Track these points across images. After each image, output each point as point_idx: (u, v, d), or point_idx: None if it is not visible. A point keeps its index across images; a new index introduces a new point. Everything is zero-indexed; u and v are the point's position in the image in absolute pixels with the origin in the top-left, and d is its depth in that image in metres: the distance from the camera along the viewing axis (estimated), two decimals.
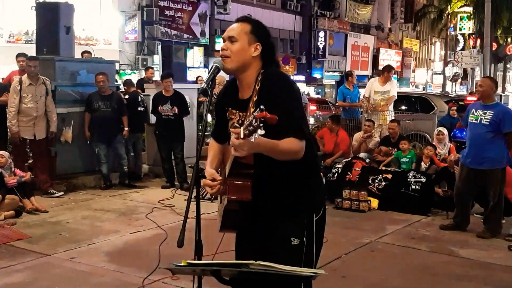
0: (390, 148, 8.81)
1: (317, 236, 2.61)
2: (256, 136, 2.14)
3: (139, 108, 8.95)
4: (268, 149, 2.37)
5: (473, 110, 6.32)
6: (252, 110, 2.48)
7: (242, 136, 2.18)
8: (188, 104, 9.81)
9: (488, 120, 6.10)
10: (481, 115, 6.17)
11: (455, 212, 6.56)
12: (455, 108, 11.60)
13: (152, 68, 13.41)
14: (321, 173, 8.15)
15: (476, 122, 6.21)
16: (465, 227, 6.46)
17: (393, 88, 10.43)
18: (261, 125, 2.10)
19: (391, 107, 10.40)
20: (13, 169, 6.95)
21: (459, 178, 6.50)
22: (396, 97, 10.74)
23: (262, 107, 2.16)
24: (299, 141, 2.42)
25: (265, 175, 2.50)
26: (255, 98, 2.49)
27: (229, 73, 2.62)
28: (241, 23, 2.60)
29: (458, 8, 37.26)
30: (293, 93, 2.51)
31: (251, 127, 2.13)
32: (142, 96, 9.31)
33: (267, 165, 2.46)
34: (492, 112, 6.11)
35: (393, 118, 10.00)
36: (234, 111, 2.63)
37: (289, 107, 2.43)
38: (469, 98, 13.69)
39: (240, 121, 2.58)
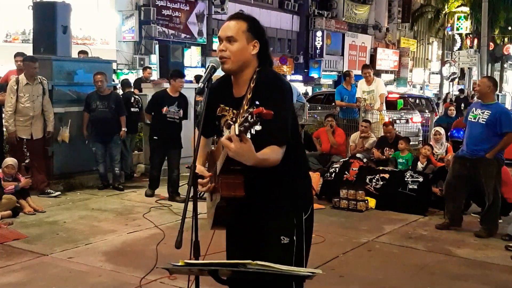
0: (387, 149, 8.85)
1: (307, 235, 2.62)
2: (252, 132, 2.13)
3: (132, 109, 8.93)
4: (256, 161, 2.32)
5: (473, 109, 6.40)
6: (246, 107, 2.48)
7: (237, 132, 2.16)
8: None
9: (485, 120, 6.13)
10: (479, 114, 6.22)
11: (446, 209, 6.57)
12: (453, 108, 11.66)
13: (150, 68, 13.39)
14: (319, 173, 8.29)
15: (474, 121, 6.26)
16: (459, 224, 6.47)
17: (380, 87, 10.59)
18: (257, 120, 2.11)
19: (383, 106, 10.57)
20: (14, 176, 6.94)
21: (451, 173, 6.51)
22: (386, 94, 10.95)
23: (257, 102, 2.15)
24: (280, 148, 2.41)
25: (254, 174, 2.49)
26: (249, 96, 2.48)
27: (230, 73, 2.61)
28: (236, 21, 2.56)
29: (455, 8, 37.31)
30: (284, 97, 2.49)
31: (247, 123, 2.12)
32: (136, 96, 9.27)
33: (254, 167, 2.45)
34: (490, 111, 6.15)
35: (386, 116, 10.20)
36: (227, 108, 2.62)
37: (278, 111, 2.37)
38: (390, 96, 13.94)
39: (233, 119, 2.57)
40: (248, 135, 2.14)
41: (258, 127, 2.12)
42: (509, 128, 6.12)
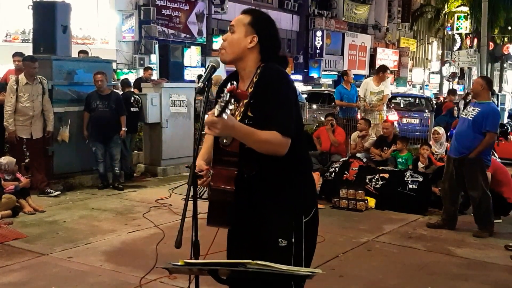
0: (385, 148, 8.84)
1: (308, 238, 2.56)
2: (227, 112, 2.14)
3: (131, 109, 8.93)
4: (243, 134, 2.33)
5: (468, 106, 6.54)
6: (246, 101, 2.48)
7: (216, 114, 2.16)
8: (186, 104, 9.86)
9: (473, 116, 6.19)
10: (470, 111, 6.30)
11: (443, 210, 6.58)
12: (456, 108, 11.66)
13: (152, 69, 13.37)
14: (318, 172, 8.28)
15: (464, 117, 6.35)
16: (453, 226, 6.47)
17: (387, 87, 10.52)
18: (231, 99, 2.12)
19: (385, 106, 10.52)
20: (15, 173, 6.95)
21: (444, 174, 6.55)
22: (390, 96, 10.88)
23: (233, 82, 2.16)
24: (282, 136, 2.38)
25: (253, 174, 2.48)
26: (250, 90, 2.49)
27: (227, 64, 2.62)
28: (243, 14, 2.62)
29: (455, 7, 37.32)
30: (288, 91, 2.49)
31: (223, 103, 2.13)
32: (136, 96, 9.28)
33: (255, 162, 2.44)
34: (479, 109, 6.20)
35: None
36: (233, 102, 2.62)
37: (279, 103, 2.41)
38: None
39: (234, 112, 2.55)
40: (225, 116, 2.14)
41: (231, 106, 2.14)
42: (492, 128, 6.16)
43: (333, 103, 13.50)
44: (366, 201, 7.35)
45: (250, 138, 2.36)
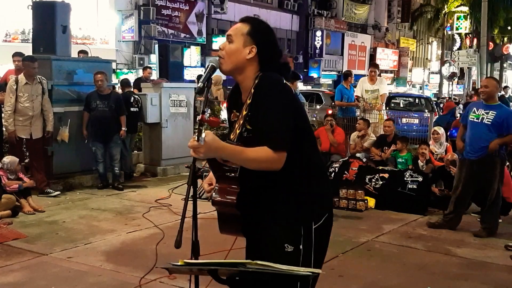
0: (385, 148, 8.84)
1: (317, 245, 2.53)
2: (201, 140, 2.20)
3: (131, 109, 8.93)
4: (229, 154, 2.33)
5: (474, 109, 6.31)
6: (245, 112, 2.46)
7: (197, 139, 2.22)
8: (185, 104, 9.86)
9: (491, 121, 6.10)
10: (483, 114, 6.17)
11: (449, 210, 6.55)
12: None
13: (150, 68, 13.38)
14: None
15: (477, 121, 6.20)
16: (455, 227, 6.47)
17: (383, 86, 10.60)
18: (201, 128, 2.21)
19: (383, 106, 10.58)
20: (18, 173, 6.95)
21: (459, 179, 6.44)
22: (388, 95, 10.94)
23: (205, 110, 2.24)
24: (274, 151, 2.32)
25: (256, 181, 2.46)
26: (248, 101, 2.45)
27: (226, 74, 2.60)
28: (241, 23, 2.54)
29: (454, 7, 37.31)
30: (281, 101, 2.40)
31: (196, 130, 2.20)
32: (136, 96, 9.28)
33: (257, 174, 2.41)
34: (495, 112, 6.11)
35: (386, 116, 10.15)
36: (237, 113, 2.57)
37: (272, 116, 2.35)
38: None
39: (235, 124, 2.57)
40: (201, 142, 2.21)
41: (203, 134, 2.21)
42: None
43: (333, 103, 13.50)
44: (366, 201, 7.36)
45: (237, 157, 2.35)
